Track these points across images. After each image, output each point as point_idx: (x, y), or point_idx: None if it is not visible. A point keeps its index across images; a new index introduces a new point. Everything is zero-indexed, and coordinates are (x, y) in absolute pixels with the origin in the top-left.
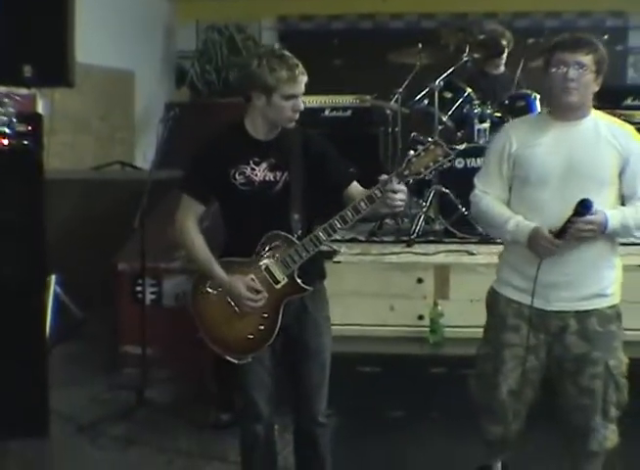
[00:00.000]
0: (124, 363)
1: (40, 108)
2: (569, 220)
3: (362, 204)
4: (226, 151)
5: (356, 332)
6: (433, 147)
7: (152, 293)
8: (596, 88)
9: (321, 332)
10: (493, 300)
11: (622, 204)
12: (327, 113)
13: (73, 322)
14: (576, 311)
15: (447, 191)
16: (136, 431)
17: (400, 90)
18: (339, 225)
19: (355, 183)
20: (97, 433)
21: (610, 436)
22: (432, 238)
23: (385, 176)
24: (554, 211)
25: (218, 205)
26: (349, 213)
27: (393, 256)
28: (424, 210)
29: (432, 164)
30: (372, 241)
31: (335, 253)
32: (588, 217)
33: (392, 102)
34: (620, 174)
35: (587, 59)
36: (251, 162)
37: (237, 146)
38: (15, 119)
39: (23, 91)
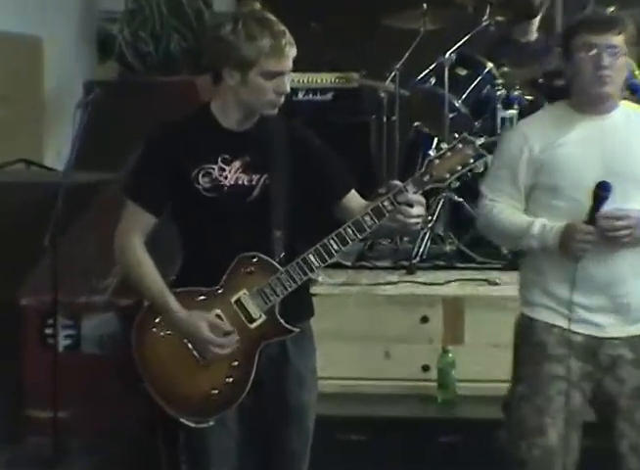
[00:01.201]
0: (29, 430)
1: None
2: (594, 209)
3: (367, 219)
4: (187, 144)
5: (338, 388)
6: (461, 146)
7: (67, 336)
8: (626, 73)
9: (306, 388)
10: (527, 327)
11: None
12: (301, 96)
13: None
14: (629, 337)
15: (461, 200)
16: None
17: (399, 66)
18: (335, 247)
19: (354, 192)
20: None
21: None
22: (440, 263)
23: (396, 182)
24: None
25: (174, 216)
26: (350, 231)
27: (390, 286)
28: (430, 225)
29: (459, 167)
30: (360, 266)
31: (310, 282)
32: (618, 212)
33: (388, 81)
34: None
35: (619, 40)
36: (219, 159)
37: (201, 138)
38: None
39: None
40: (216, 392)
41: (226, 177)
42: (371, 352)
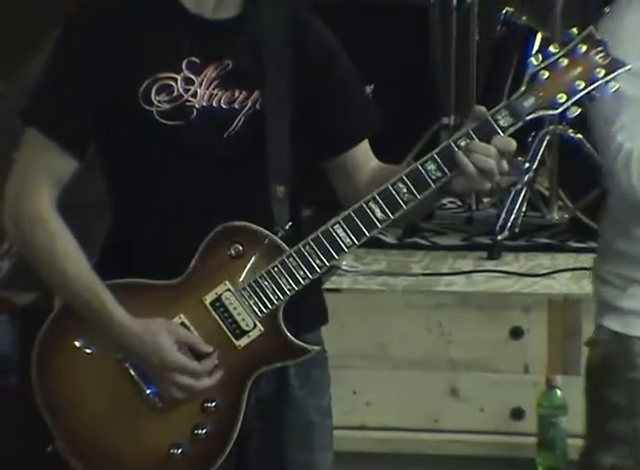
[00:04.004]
0: None
1: None
2: None
3: (431, 167)
4: (132, 39)
5: (375, 445)
6: (584, 48)
7: None
8: None
9: (317, 445)
10: (617, 353)
11: None
12: None
13: None
14: None
15: (579, 137)
16: None
17: None
18: (380, 214)
19: (367, 144)
20: None
21: None
22: (543, 240)
23: (480, 108)
24: None
25: (103, 159)
26: (403, 189)
27: (459, 278)
28: (526, 177)
29: (581, 84)
30: (411, 245)
31: (329, 270)
32: None
33: None
34: None
35: None
36: (184, 65)
37: (155, 29)
38: None
39: None
40: (179, 452)
41: (195, 94)
42: (428, 388)
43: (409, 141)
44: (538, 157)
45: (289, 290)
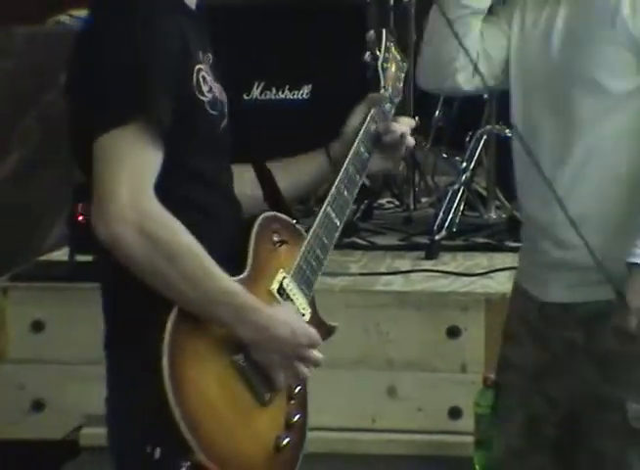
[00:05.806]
0: None
1: None
2: None
3: (362, 149)
4: (178, 32)
5: (315, 443)
6: (390, 45)
7: None
8: None
9: None
10: (511, 295)
11: None
12: None
13: None
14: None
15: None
16: None
17: None
18: (348, 196)
19: None
20: None
21: None
22: (481, 240)
23: (374, 95)
24: None
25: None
26: (354, 170)
27: (397, 277)
28: (463, 177)
29: (401, 74)
30: (350, 245)
31: None
32: None
33: None
34: None
35: None
36: (200, 55)
37: (182, 23)
38: None
39: None
40: (285, 442)
41: (214, 85)
42: (366, 387)
43: None
44: (475, 157)
45: (317, 271)
